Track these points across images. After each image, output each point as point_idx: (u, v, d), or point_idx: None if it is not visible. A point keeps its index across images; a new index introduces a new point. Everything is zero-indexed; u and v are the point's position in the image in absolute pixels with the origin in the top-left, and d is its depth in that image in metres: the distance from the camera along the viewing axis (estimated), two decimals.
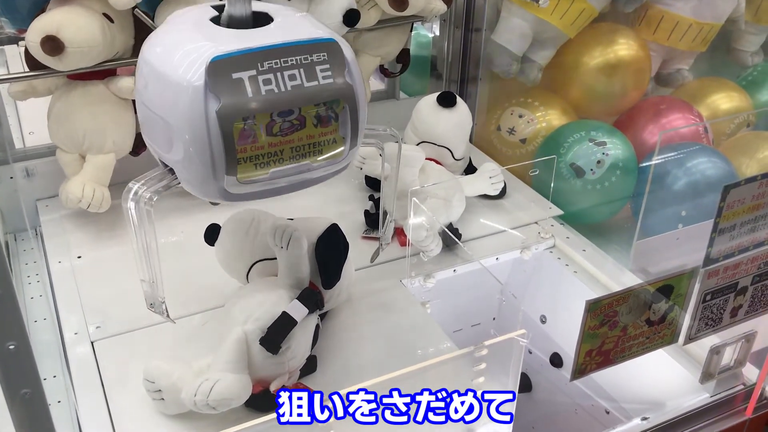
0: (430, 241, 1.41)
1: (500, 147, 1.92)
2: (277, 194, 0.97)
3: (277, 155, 0.90)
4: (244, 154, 0.87)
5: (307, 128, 0.90)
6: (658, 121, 1.91)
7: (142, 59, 0.92)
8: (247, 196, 0.93)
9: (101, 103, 1.45)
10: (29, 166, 1.58)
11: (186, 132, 0.86)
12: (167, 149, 0.90)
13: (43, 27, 1.29)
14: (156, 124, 0.90)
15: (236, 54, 0.85)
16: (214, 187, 0.90)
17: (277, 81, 0.86)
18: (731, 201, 1.03)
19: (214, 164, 0.87)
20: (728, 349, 1.20)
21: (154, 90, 0.89)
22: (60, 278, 1.40)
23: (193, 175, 0.90)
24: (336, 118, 0.92)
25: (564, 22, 1.81)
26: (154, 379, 1.08)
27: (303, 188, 1.02)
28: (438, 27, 1.99)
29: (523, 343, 1.05)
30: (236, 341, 1.07)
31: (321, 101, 0.89)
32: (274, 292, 1.13)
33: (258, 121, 0.86)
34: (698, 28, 1.94)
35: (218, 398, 1.02)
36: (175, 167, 0.92)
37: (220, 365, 1.06)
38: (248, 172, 0.89)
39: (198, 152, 0.86)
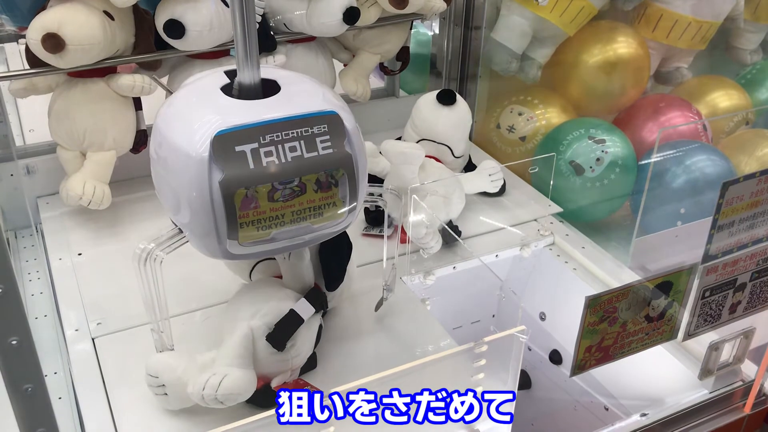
0: (429, 238, 1.41)
1: (500, 145, 1.92)
2: (278, 253, 1.04)
3: (279, 219, 0.94)
4: (246, 219, 0.92)
5: (308, 194, 0.95)
6: (657, 119, 1.91)
7: (156, 125, 0.98)
8: (249, 255, 0.98)
9: (102, 101, 1.45)
10: (30, 164, 1.58)
11: (191, 199, 0.91)
12: (175, 212, 0.96)
13: (44, 24, 1.29)
14: (166, 187, 0.96)
15: (239, 129, 0.91)
16: (217, 248, 0.95)
17: (278, 152, 0.91)
18: (730, 198, 1.03)
19: (218, 229, 0.92)
20: (727, 346, 1.20)
21: (164, 156, 0.95)
22: (61, 275, 1.40)
23: (198, 236, 0.96)
24: (336, 183, 0.96)
25: (563, 20, 1.82)
26: (157, 374, 1.08)
27: (304, 246, 1.08)
28: (438, 25, 1.99)
29: (522, 340, 1.05)
30: (243, 336, 1.07)
31: (321, 170, 0.94)
32: (281, 290, 1.13)
33: (260, 189, 0.91)
34: (697, 26, 1.95)
35: (227, 392, 1.03)
36: (183, 228, 0.99)
37: (227, 360, 1.06)
38: (250, 234, 0.94)
39: (202, 218, 0.92)
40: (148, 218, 1.57)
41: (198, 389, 1.03)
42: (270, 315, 1.09)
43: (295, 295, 1.13)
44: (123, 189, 1.61)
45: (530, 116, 1.89)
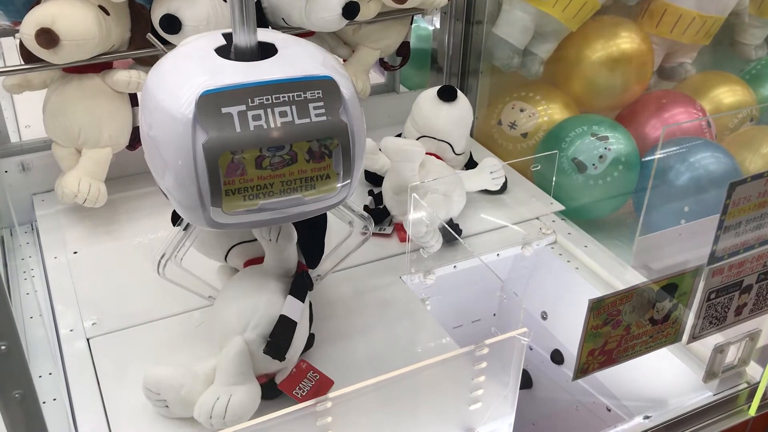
0: (430, 237, 1.39)
1: (501, 141, 1.90)
2: (267, 225, 0.99)
3: (267, 188, 0.90)
4: (232, 186, 0.88)
5: (299, 163, 0.91)
6: (661, 115, 1.89)
7: (145, 85, 0.95)
8: (235, 225, 0.94)
9: (97, 97, 1.43)
10: (25, 161, 1.57)
11: (175, 162, 0.88)
12: (161, 177, 0.93)
13: (38, 19, 1.27)
14: (152, 150, 0.93)
15: (226, 89, 0.87)
16: (201, 216, 0.91)
17: (266, 117, 0.87)
18: (737, 198, 1.01)
19: (201, 195, 0.88)
20: (732, 348, 1.19)
21: (151, 116, 0.91)
22: (55, 274, 1.39)
23: (182, 202, 0.92)
24: (330, 154, 0.92)
25: (566, 15, 1.79)
26: (158, 391, 1.06)
27: (294, 220, 1.04)
28: (438, 20, 1.97)
29: (524, 342, 1.04)
30: (239, 353, 1.05)
31: (312, 138, 0.90)
32: (265, 288, 1.09)
33: (247, 155, 0.87)
34: (702, 21, 1.92)
35: (234, 417, 1.02)
36: (167, 193, 0.94)
37: (228, 379, 1.04)
38: (236, 203, 0.90)
39: (186, 182, 0.88)
40: (144, 216, 1.55)
41: (205, 418, 1.03)
42: (261, 325, 1.06)
43: (280, 287, 1.09)
44: (119, 186, 1.59)
45: (532, 112, 1.87)
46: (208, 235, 1.16)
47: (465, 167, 1.67)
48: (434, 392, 1.08)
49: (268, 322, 1.06)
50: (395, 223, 1.54)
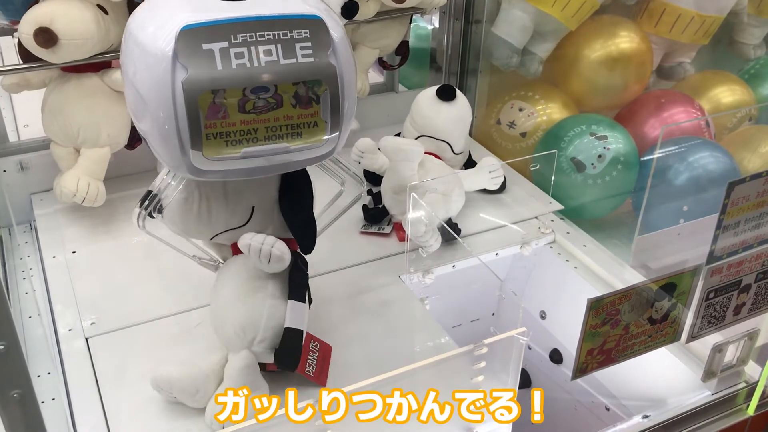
0: (429, 236, 1.39)
1: (500, 141, 1.90)
2: (252, 175, 0.94)
3: (251, 134, 0.87)
4: (213, 130, 0.84)
5: (285, 108, 0.87)
6: (660, 114, 1.89)
7: (127, 24, 0.92)
8: (217, 174, 0.90)
9: (96, 96, 1.43)
10: (23, 160, 1.56)
11: (153, 101, 0.84)
12: (139, 118, 0.89)
13: (36, 18, 1.27)
14: (129, 90, 0.89)
15: (208, 24, 0.83)
16: (182, 162, 0.87)
17: (250, 55, 0.83)
18: (736, 198, 1.01)
19: (180, 137, 0.84)
20: (731, 347, 1.19)
21: (129, 55, 0.88)
22: (54, 273, 1.39)
23: (162, 147, 0.88)
24: (317, 100, 0.88)
25: (565, 15, 1.79)
26: (171, 392, 1.06)
27: (280, 171, 0.99)
28: (437, 19, 1.97)
29: (523, 341, 1.04)
30: (247, 366, 1.04)
31: (298, 80, 0.86)
32: (264, 292, 1.06)
33: (229, 96, 0.84)
34: (700, 20, 1.92)
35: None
36: (147, 137, 0.90)
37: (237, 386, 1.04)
38: (218, 149, 0.86)
39: (165, 123, 0.84)
40: None
41: (219, 426, 1.02)
42: (267, 339, 1.05)
43: (278, 287, 1.06)
44: (118, 186, 1.59)
45: (531, 112, 1.87)
46: (185, 228, 1.09)
47: (464, 167, 1.67)
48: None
49: (273, 335, 1.05)
50: (394, 223, 1.54)
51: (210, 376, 1.07)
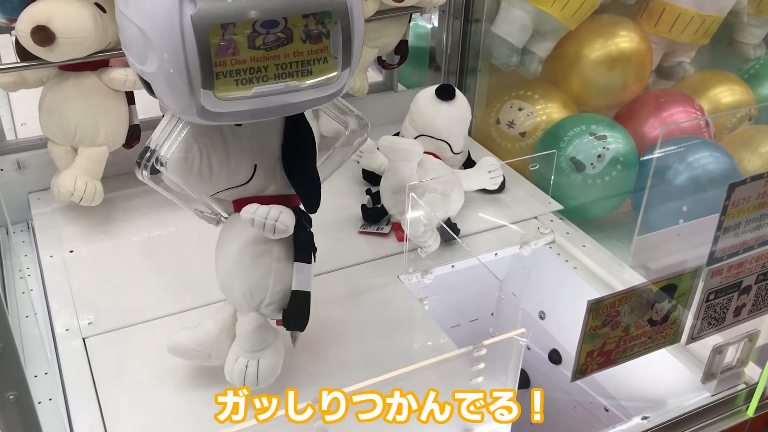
0: (428, 236, 1.39)
1: (499, 140, 1.90)
2: (262, 117, 0.92)
3: (261, 71, 0.85)
4: (224, 68, 0.83)
5: (295, 43, 0.86)
6: (659, 114, 1.89)
7: None
8: (227, 116, 0.88)
9: (93, 95, 1.42)
10: (21, 159, 1.56)
11: (160, 39, 0.81)
12: (143, 60, 0.85)
13: (34, 17, 1.26)
14: (131, 33, 0.85)
15: None
16: (191, 104, 0.85)
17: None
18: (736, 199, 1.01)
19: (190, 76, 0.82)
20: (731, 349, 1.18)
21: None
22: (51, 273, 1.38)
23: (169, 90, 0.85)
24: (327, 34, 0.87)
25: (565, 14, 1.79)
26: (185, 358, 1.11)
27: (290, 112, 0.96)
28: (437, 18, 1.96)
29: (522, 343, 1.03)
30: (258, 327, 1.06)
31: (309, 12, 0.84)
32: (269, 255, 1.04)
33: (239, 31, 0.82)
34: (700, 20, 1.92)
35: (266, 380, 1.08)
36: (152, 81, 0.87)
37: (250, 347, 1.07)
38: (228, 88, 0.84)
39: (173, 62, 0.81)
40: (141, 215, 1.55)
41: (239, 384, 1.06)
42: (275, 302, 1.06)
43: (284, 249, 1.04)
44: (115, 185, 1.58)
45: (530, 111, 1.87)
46: (195, 179, 1.04)
47: (463, 166, 1.67)
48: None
49: (281, 298, 1.05)
50: (393, 223, 1.53)
51: (220, 336, 1.09)
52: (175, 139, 0.98)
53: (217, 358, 1.10)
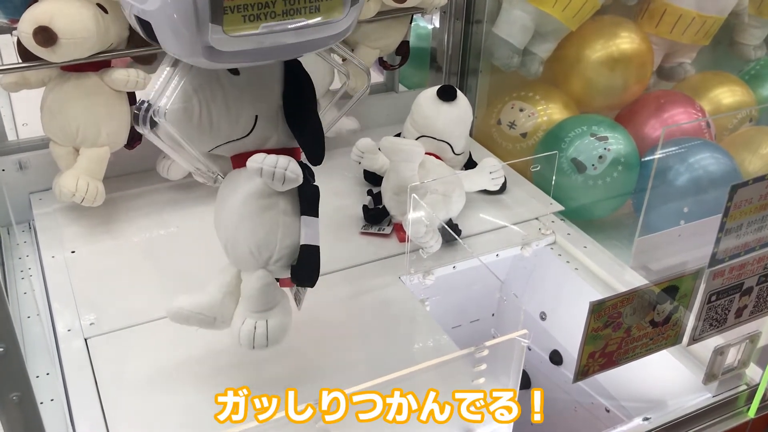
0: (429, 237, 1.39)
1: (500, 141, 1.90)
2: (267, 57, 0.90)
3: (269, 7, 0.84)
4: (231, 2, 0.81)
5: None
6: (660, 115, 1.89)
7: None
8: (235, 56, 0.85)
9: (95, 95, 1.42)
10: (22, 159, 1.56)
11: None
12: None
13: (36, 17, 1.26)
14: None
15: None
16: (196, 43, 0.82)
17: None
18: (738, 201, 1.01)
19: (197, 9, 0.80)
20: (732, 350, 1.18)
21: None
22: (53, 273, 1.38)
23: (172, 27, 0.82)
24: None
25: (566, 15, 1.79)
26: (188, 324, 1.07)
27: (296, 53, 0.94)
28: (438, 19, 1.96)
29: (524, 344, 1.04)
30: (265, 285, 1.03)
31: None
32: (275, 210, 1.02)
33: None
34: (701, 21, 1.92)
35: (275, 340, 1.04)
36: (154, 20, 0.84)
37: (258, 307, 1.04)
38: (236, 24, 0.82)
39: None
40: (142, 215, 1.55)
41: (247, 347, 1.03)
42: (283, 258, 1.03)
43: (289, 202, 1.02)
44: (117, 185, 1.58)
45: (531, 112, 1.87)
46: (196, 131, 1.01)
47: (464, 167, 1.67)
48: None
49: (289, 253, 1.03)
50: (394, 223, 1.53)
51: (225, 299, 1.06)
52: (173, 90, 0.95)
53: (222, 321, 1.07)
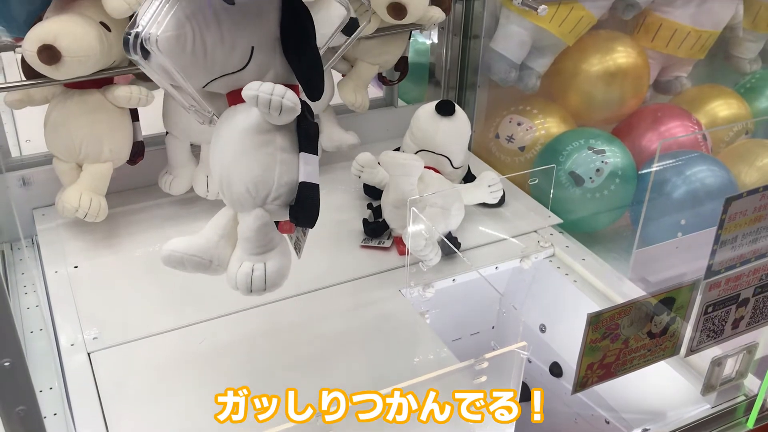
0: (429, 250, 1.40)
1: (499, 155, 1.92)
2: None
3: None
4: None
5: None
6: (657, 128, 1.91)
7: None
8: None
9: (98, 112, 1.44)
10: (26, 175, 1.57)
11: None
12: None
13: (40, 36, 1.28)
14: None
15: None
16: None
17: None
18: (733, 213, 1.02)
19: None
20: (730, 361, 1.19)
21: None
22: (56, 288, 1.39)
23: None
24: None
25: (562, 30, 1.81)
26: (183, 268, 1.02)
27: None
28: (436, 34, 1.99)
29: (523, 356, 1.04)
30: (263, 225, 0.98)
31: None
32: (272, 146, 0.98)
33: None
34: (696, 35, 1.94)
35: (273, 284, 1.00)
36: None
37: (255, 250, 0.99)
38: None
39: None
40: (144, 230, 1.56)
41: (245, 291, 0.99)
42: (282, 196, 0.98)
43: (287, 138, 0.98)
44: (119, 200, 1.60)
45: (529, 126, 1.89)
46: (189, 62, 0.98)
47: (463, 181, 1.68)
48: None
49: (287, 191, 0.98)
50: (394, 237, 1.55)
51: (221, 242, 1.02)
52: (165, 17, 0.92)
53: (218, 265, 1.02)
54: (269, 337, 1.29)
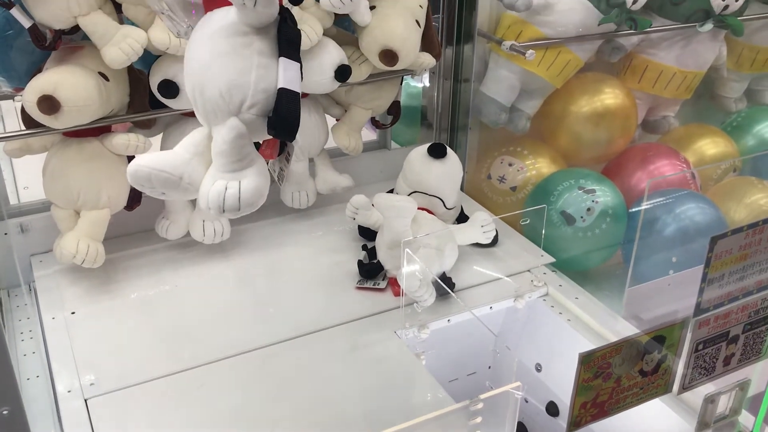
0: (423, 291, 1.41)
1: (491, 195, 1.94)
2: None
3: None
4: None
5: None
6: (646, 167, 1.94)
7: None
8: None
9: (96, 160, 1.46)
10: (24, 222, 1.59)
11: None
12: None
13: (40, 87, 1.31)
14: None
15: None
16: None
17: None
18: (719, 251, 1.04)
19: None
20: (723, 398, 1.20)
21: None
22: (53, 334, 1.40)
23: None
24: None
25: (550, 73, 1.85)
26: (152, 186, 0.95)
27: None
28: (428, 78, 2.03)
29: (518, 396, 1.05)
30: (237, 137, 0.91)
31: None
32: (250, 49, 0.92)
33: None
34: (682, 76, 1.99)
35: (248, 205, 0.93)
36: None
37: (230, 166, 0.92)
38: None
39: None
40: (142, 275, 1.57)
41: (217, 211, 0.92)
42: (259, 104, 0.91)
43: (266, 43, 0.91)
44: (117, 246, 1.61)
45: (520, 167, 1.92)
46: None
47: (456, 221, 1.71)
48: None
49: (264, 99, 0.92)
50: (389, 278, 1.56)
51: (193, 159, 0.96)
52: None
53: (189, 183, 0.95)
54: (266, 380, 1.29)
